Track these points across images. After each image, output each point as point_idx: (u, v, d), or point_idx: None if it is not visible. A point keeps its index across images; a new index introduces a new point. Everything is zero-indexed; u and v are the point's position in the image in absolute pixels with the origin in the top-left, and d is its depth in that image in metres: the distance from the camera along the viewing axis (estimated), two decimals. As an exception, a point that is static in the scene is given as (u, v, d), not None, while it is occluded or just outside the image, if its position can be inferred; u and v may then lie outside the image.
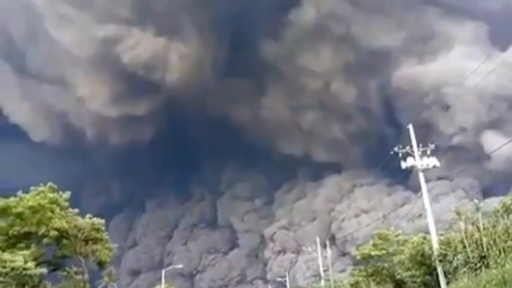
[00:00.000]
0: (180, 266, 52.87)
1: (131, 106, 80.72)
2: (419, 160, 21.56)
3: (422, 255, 19.40)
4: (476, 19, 75.38)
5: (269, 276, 76.16)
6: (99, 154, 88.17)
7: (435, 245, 18.51)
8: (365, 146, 79.05)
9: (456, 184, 75.25)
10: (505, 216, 15.68)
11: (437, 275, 18.01)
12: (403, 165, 21.69)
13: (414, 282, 19.86)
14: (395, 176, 72.98)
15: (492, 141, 68.06)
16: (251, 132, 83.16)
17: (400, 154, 21.88)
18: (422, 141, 66.10)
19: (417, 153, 21.72)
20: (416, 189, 75.74)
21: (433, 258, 18.13)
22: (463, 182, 73.61)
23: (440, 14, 76.65)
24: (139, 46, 79.38)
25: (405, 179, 71.62)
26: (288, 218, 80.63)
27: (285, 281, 56.09)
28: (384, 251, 24.22)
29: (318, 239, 39.37)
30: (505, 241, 14.44)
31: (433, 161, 21.55)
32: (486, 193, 72.03)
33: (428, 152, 21.79)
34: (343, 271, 51.93)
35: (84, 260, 24.88)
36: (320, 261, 37.21)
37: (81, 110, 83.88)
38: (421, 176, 21.55)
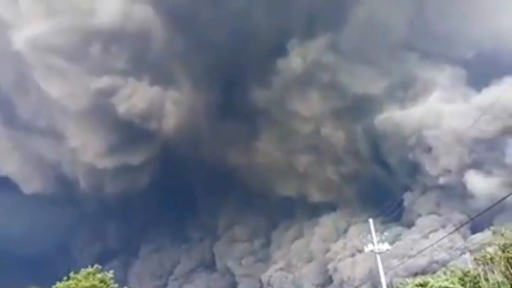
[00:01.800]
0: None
1: (126, 156, 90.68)
2: (377, 246, 33.57)
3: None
4: (453, 64, 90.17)
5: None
6: (93, 203, 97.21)
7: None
8: (357, 185, 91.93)
9: (447, 220, 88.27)
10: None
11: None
12: (366, 249, 33.85)
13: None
14: (387, 213, 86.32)
15: (474, 181, 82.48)
16: (247, 175, 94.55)
17: (364, 241, 34.08)
18: (410, 180, 79.99)
19: (375, 240, 33.78)
20: (409, 224, 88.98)
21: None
22: (454, 218, 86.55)
23: (420, 59, 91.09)
24: (135, 95, 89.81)
25: (398, 215, 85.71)
26: (285, 259, 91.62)
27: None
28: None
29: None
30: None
31: (386, 246, 33.86)
32: (474, 229, 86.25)
33: (383, 238, 34.06)
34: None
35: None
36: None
37: (74, 160, 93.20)
38: (378, 258, 33.61)
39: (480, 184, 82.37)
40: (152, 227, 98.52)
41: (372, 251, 34.65)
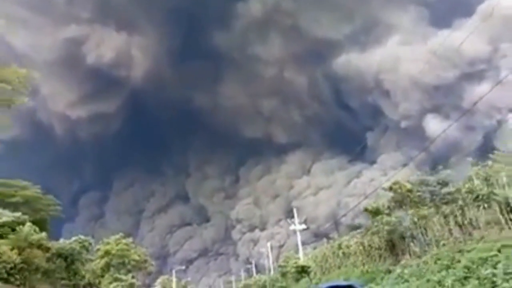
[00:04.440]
0: (182, 267, 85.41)
1: (99, 104, 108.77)
2: (298, 226, 53.68)
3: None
4: (417, 4, 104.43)
5: (241, 258, 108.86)
6: (69, 145, 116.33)
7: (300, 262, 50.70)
8: (321, 126, 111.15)
9: (408, 158, 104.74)
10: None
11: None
12: (291, 227, 53.94)
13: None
14: (351, 152, 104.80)
15: (432, 124, 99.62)
16: (213, 117, 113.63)
17: (288, 221, 54.19)
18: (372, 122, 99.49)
19: (297, 221, 53.76)
20: (371, 162, 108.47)
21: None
22: (414, 155, 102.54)
23: (384, 1, 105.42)
24: (103, 44, 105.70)
25: (361, 153, 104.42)
26: (253, 195, 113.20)
27: (251, 266, 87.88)
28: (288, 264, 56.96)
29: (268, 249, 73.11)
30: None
31: (303, 226, 53.93)
32: (434, 165, 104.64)
33: (303, 221, 54.31)
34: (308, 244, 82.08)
35: (140, 271, 57.14)
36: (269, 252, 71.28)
37: (48, 108, 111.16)
38: (298, 235, 53.48)
39: (438, 127, 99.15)
40: (126, 165, 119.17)
41: (294, 230, 54.37)
